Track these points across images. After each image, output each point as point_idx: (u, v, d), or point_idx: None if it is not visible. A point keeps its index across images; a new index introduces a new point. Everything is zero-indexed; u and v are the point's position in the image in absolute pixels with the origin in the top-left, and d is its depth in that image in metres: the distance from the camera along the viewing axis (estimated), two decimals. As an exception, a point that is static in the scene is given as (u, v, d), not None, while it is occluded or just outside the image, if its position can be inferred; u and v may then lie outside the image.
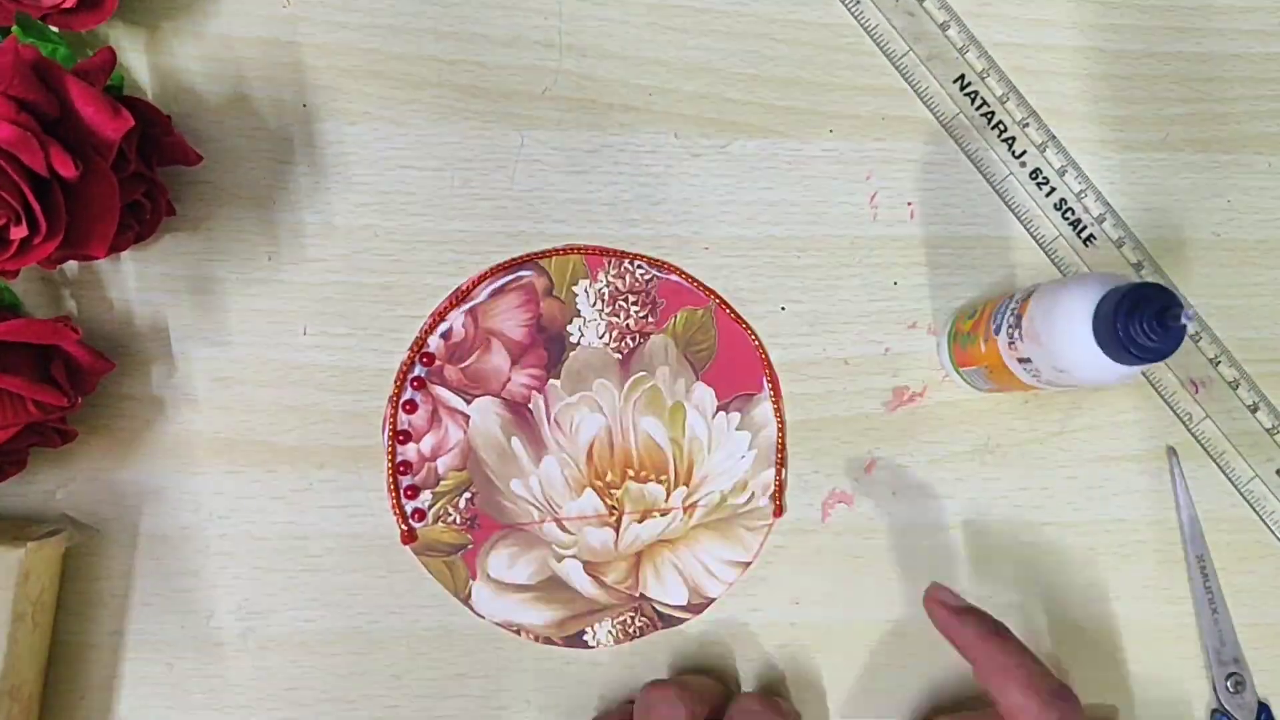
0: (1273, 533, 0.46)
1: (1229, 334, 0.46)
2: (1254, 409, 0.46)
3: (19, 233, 0.35)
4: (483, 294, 0.43)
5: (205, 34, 0.44)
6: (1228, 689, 0.44)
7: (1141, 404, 0.46)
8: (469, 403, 0.43)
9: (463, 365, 0.43)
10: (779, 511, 0.44)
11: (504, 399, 0.43)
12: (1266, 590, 0.45)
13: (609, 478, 0.43)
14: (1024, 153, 0.46)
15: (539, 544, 0.43)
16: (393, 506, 0.43)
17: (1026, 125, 0.46)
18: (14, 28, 0.39)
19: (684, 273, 0.44)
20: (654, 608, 0.43)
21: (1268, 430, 0.46)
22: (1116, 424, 0.46)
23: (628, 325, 0.44)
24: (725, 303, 0.44)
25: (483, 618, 0.43)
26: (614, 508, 0.43)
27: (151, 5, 0.44)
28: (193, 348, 0.43)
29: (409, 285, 0.44)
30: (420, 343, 0.43)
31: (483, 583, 0.43)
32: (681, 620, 0.43)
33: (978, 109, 0.46)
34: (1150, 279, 0.46)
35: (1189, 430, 0.46)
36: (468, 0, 0.45)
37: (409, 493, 0.43)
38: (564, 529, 0.43)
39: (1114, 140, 0.47)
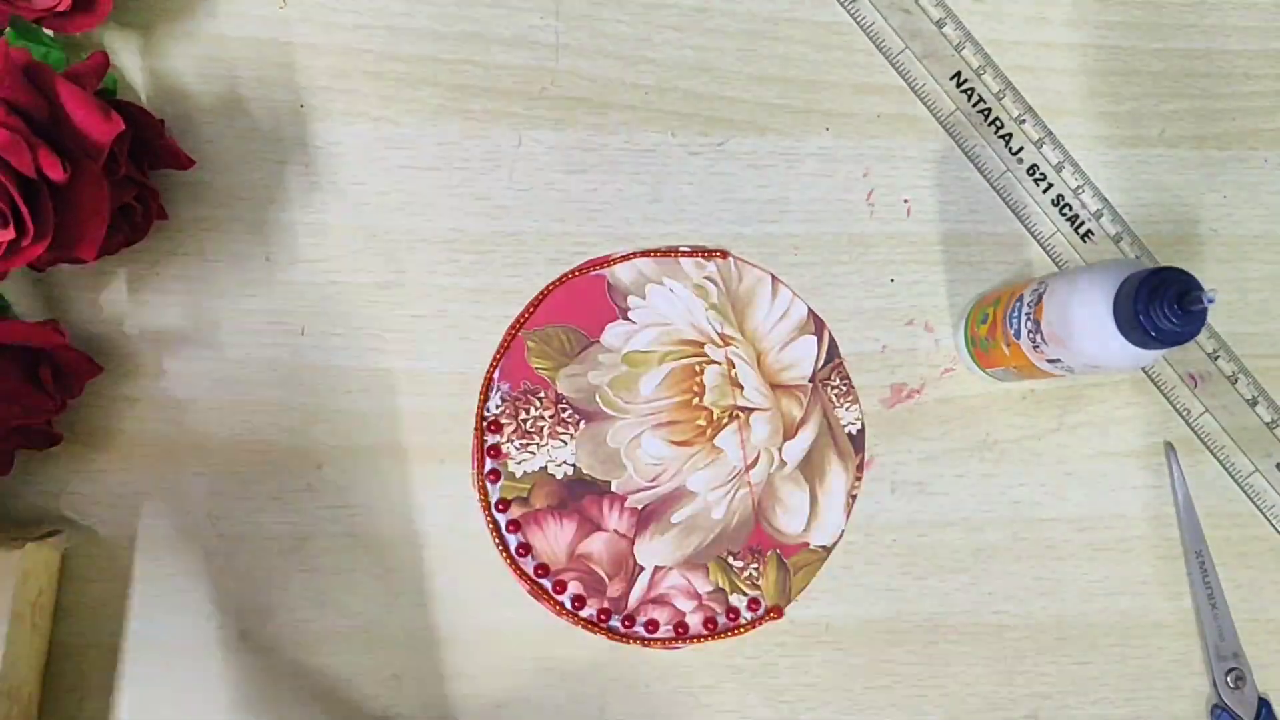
0: (1273, 526, 0.46)
1: (1226, 329, 0.47)
2: (1253, 403, 0.46)
3: (6, 235, 0.35)
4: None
5: (200, 36, 0.44)
6: (1228, 684, 0.44)
7: (1140, 399, 0.46)
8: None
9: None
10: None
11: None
12: (1266, 585, 0.45)
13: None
14: (1021, 149, 0.46)
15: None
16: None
17: (1023, 121, 0.46)
18: (7, 30, 0.39)
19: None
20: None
21: (1267, 424, 0.46)
22: (1115, 419, 0.46)
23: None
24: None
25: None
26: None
27: (146, 8, 0.44)
28: (190, 349, 0.43)
29: (407, 285, 0.44)
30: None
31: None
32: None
33: (974, 106, 0.46)
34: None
35: (1188, 425, 0.46)
36: (464, 0, 0.45)
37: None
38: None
39: (1111, 136, 0.47)
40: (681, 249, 0.42)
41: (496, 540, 0.42)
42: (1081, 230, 0.46)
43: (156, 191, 0.41)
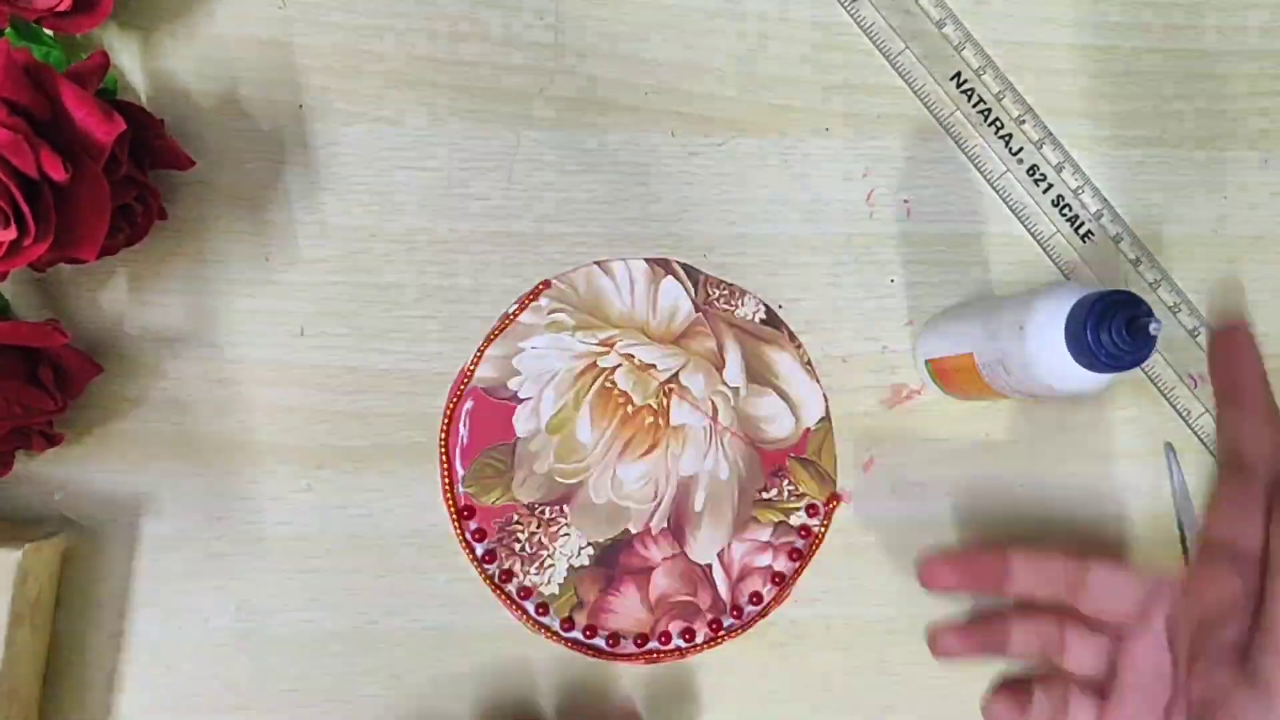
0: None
1: (1226, 330, 0.47)
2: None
3: (8, 235, 0.35)
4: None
5: (200, 36, 0.44)
6: (1227, 684, 0.44)
7: (1140, 400, 0.46)
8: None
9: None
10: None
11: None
12: (1265, 585, 0.45)
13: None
14: (1021, 149, 0.46)
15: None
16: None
17: (1023, 122, 0.46)
18: (7, 30, 0.39)
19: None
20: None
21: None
22: (1115, 420, 0.46)
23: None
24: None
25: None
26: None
27: (146, 8, 0.44)
28: (190, 349, 0.43)
29: (407, 285, 0.44)
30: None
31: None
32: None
33: (974, 106, 0.46)
34: (1148, 274, 0.46)
35: (1188, 425, 0.46)
36: (463, 0, 0.45)
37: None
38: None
39: (1111, 137, 0.47)
40: (509, 311, 0.41)
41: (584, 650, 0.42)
42: (1081, 231, 0.46)
43: (157, 192, 0.41)
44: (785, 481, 0.42)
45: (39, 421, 0.39)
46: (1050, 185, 0.46)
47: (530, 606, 0.41)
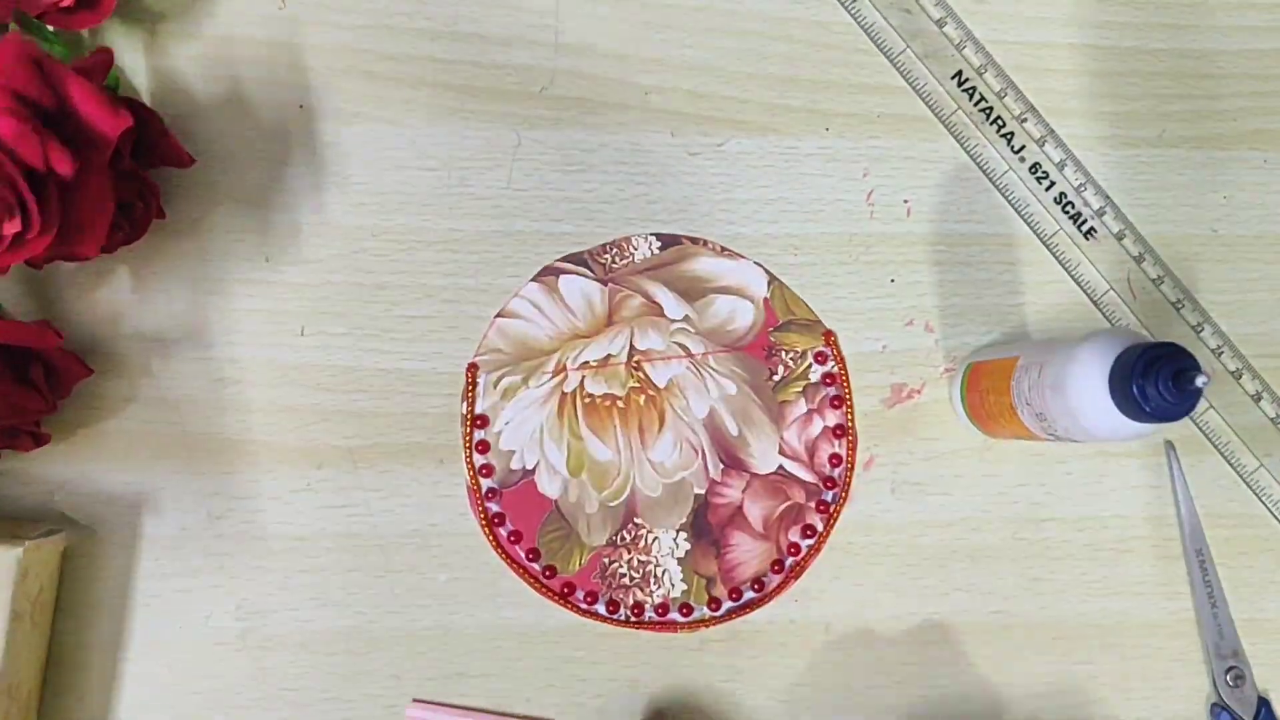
0: (1279, 521, 0.46)
1: (1226, 329, 0.46)
2: (1257, 398, 0.46)
3: (12, 227, 0.35)
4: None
5: (201, 35, 0.44)
6: (1227, 683, 0.44)
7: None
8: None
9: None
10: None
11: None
12: (1265, 584, 0.45)
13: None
14: (1023, 148, 0.46)
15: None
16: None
17: (1025, 120, 0.46)
18: (12, 24, 0.39)
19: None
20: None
21: (1272, 420, 0.46)
22: (1115, 420, 0.46)
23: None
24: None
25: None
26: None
27: (148, 6, 0.44)
28: (189, 349, 0.43)
29: (407, 285, 0.44)
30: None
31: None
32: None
33: (975, 105, 0.46)
34: (1151, 270, 0.46)
35: (1192, 422, 0.46)
36: (463, 0, 0.45)
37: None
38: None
39: (1112, 137, 0.47)
40: (463, 413, 0.42)
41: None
42: (1084, 228, 0.46)
43: (156, 189, 0.41)
44: (782, 354, 0.43)
45: (27, 421, 0.39)
46: (1053, 183, 0.46)
47: (678, 618, 0.42)
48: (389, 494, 0.43)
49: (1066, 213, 0.46)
